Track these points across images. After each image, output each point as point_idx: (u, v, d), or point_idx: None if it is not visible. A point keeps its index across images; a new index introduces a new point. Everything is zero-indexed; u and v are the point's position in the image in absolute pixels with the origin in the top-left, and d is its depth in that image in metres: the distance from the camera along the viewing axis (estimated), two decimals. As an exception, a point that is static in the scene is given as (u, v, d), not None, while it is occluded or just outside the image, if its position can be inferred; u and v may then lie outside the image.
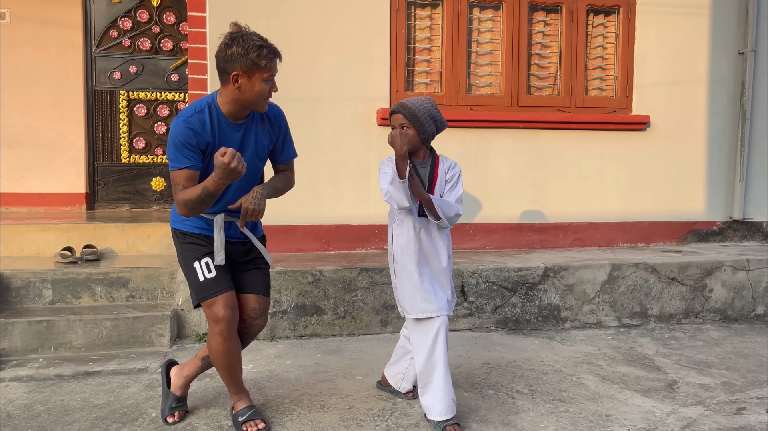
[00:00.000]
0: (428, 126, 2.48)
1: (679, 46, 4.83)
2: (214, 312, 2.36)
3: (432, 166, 2.56)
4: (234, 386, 2.52)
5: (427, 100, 2.51)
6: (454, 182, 2.57)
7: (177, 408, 2.57)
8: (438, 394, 2.44)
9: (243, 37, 2.20)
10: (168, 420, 2.53)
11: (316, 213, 4.33)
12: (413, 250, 2.52)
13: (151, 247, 4.27)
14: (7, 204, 5.45)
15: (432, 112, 2.48)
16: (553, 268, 3.98)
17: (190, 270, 2.41)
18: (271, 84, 2.27)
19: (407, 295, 2.51)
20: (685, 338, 3.82)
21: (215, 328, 2.36)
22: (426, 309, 2.47)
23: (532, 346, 3.59)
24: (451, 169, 2.59)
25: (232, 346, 2.41)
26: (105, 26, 5.59)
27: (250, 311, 2.50)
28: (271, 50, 2.22)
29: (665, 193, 4.88)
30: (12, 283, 3.54)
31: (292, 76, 4.23)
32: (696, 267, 4.16)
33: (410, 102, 2.48)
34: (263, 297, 2.54)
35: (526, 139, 4.64)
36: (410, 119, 2.46)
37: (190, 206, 2.20)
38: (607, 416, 2.62)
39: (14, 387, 2.90)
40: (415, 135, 2.47)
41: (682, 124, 4.88)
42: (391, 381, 2.79)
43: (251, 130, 2.39)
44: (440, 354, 2.46)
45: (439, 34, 4.56)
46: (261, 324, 2.55)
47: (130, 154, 5.70)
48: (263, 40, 2.23)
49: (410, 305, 2.50)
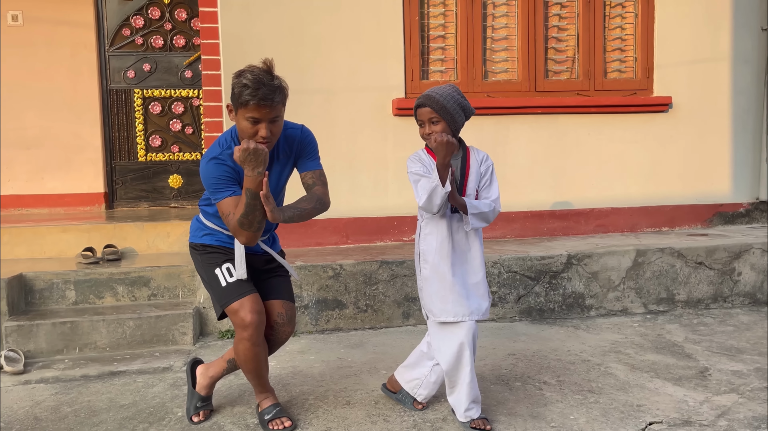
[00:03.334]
0: (458, 117, 2.30)
1: (700, 23, 4.71)
2: (240, 318, 2.31)
3: (463, 159, 2.37)
4: (260, 386, 2.50)
5: (453, 88, 2.31)
6: (488, 178, 2.40)
7: (202, 408, 2.56)
8: (462, 396, 2.38)
9: (243, 73, 2.17)
10: (193, 419, 2.53)
11: (334, 206, 4.20)
12: (447, 250, 2.36)
13: (171, 245, 4.27)
14: (27, 205, 5.49)
15: (460, 101, 2.29)
16: (576, 256, 3.91)
17: (212, 278, 2.40)
18: (258, 127, 2.17)
19: (437, 298, 2.35)
20: (715, 323, 3.74)
21: (243, 334, 2.32)
22: (457, 313, 2.33)
23: (558, 336, 3.54)
24: (484, 162, 2.41)
25: (260, 350, 2.37)
26: (117, 25, 5.59)
27: (277, 317, 2.44)
28: (255, 93, 2.11)
29: (689, 175, 4.77)
30: (35, 285, 3.56)
31: (306, 67, 4.19)
32: (723, 251, 4.07)
33: (437, 93, 2.29)
34: (289, 303, 2.49)
35: (544, 125, 4.56)
36: (440, 112, 2.27)
37: (245, 222, 2.16)
38: (638, 406, 2.56)
39: (41, 388, 2.92)
40: (446, 128, 2.29)
41: (705, 103, 4.76)
42: (406, 385, 2.57)
43: (273, 162, 2.36)
44: (467, 360, 2.34)
45: (454, 21, 4.48)
46: (289, 331, 2.48)
47: (146, 153, 5.71)
48: (257, 82, 2.12)
49: (440, 308, 2.35)
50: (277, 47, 4.13)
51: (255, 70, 2.18)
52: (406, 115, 4.31)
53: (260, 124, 2.17)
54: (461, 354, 2.35)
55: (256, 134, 2.17)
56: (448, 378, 2.41)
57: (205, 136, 4.30)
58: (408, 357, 2.61)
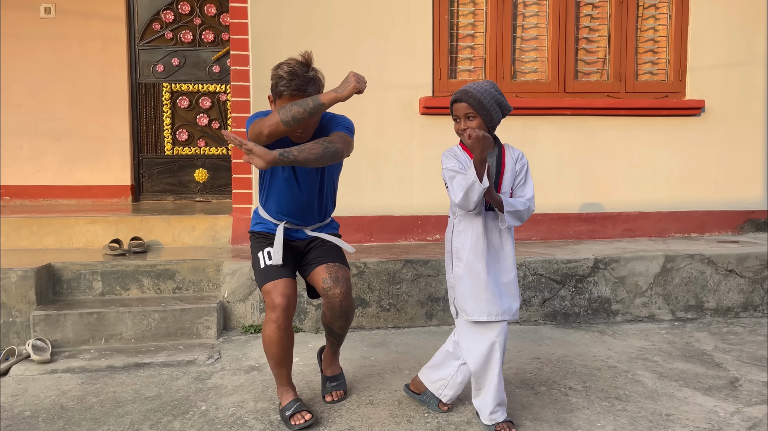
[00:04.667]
0: (495, 113, 2.27)
1: (735, 26, 4.61)
2: (270, 299, 2.38)
3: (499, 157, 2.34)
4: (281, 378, 2.51)
5: (491, 84, 2.28)
6: (523, 176, 2.37)
7: (333, 388, 2.71)
8: (489, 398, 2.34)
9: (281, 65, 2.34)
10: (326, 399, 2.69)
11: (358, 203, 4.29)
12: (482, 248, 2.32)
13: (196, 239, 4.30)
14: (56, 196, 5.57)
15: (498, 98, 2.26)
16: (603, 260, 3.86)
17: (255, 260, 2.53)
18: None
19: (471, 296, 2.32)
20: (745, 333, 3.66)
21: (270, 315, 2.38)
22: (491, 312, 2.30)
23: (583, 340, 3.49)
24: (519, 160, 2.38)
25: (285, 336, 2.40)
26: (147, 19, 5.64)
27: (323, 283, 2.46)
28: (289, 84, 2.28)
29: (720, 180, 4.68)
30: (63, 275, 3.60)
31: (334, 64, 4.15)
32: (755, 259, 3.98)
33: (474, 88, 2.26)
34: (332, 264, 2.49)
35: (573, 127, 4.50)
36: (476, 108, 2.25)
37: (288, 116, 2.22)
38: (667, 416, 2.51)
39: (67, 378, 2.95)
40: (482, 124, 2.27)
41: (739, 108, 4.66)
42: (431, 386, 2.53)
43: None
44: (497, 361, 2.31)
45: (483, 20, 4.44)
46: (340, 293, 2.44)
47: (173, 146, 5.75)
48: (292, 74, 2.28)
49: (473, 307, 2.31)
50: (306, 44, 4.11)
51: (292, 62, 2.33)
52: (433, 114, 4.28)
53: None
54: (491, 355, 2.32)
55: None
56: (475, 379, 2.38)
57: (232, 131, 4.32)
58: (433, 358, 2.57)
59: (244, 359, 3.17)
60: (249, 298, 3.62)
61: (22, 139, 5.53)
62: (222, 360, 3.15)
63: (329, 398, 2.66)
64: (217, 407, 2.61)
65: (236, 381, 2.88)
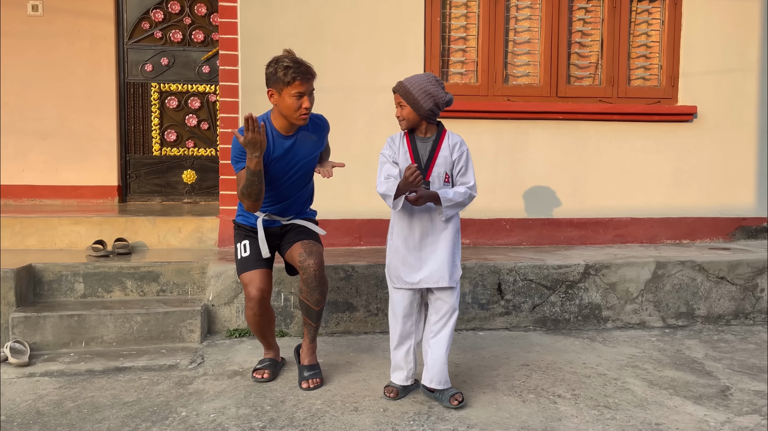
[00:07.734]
0: (424, 102, 2.47)
1: (728, 33, 4.59)
2: (247, 291, 2.76)
3: (435, 142, 2.56)
4: (263, 341, 2.97)
5: (427, 76, 2.51)
6: (464, 164, 2.56)
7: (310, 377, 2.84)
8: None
9: (279, 59, 2.58)
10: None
11: (347, 207, 4.24)
12: (405, 223, 2.58)
13: (182, 241, 4.23)
14: (41, 196, 5.49)
15: (428, 88, 2.47)
16: (594, 266, 3.82)
17: (235, 250, 2.87)
18: (302, 100, 2.59)
19: (392, 266, 2.62)
20: (736, 340, 3.62)
21: (248, 304, 2.77)
22: (407, 282, 2.57)
23: (573, 347, 3.44)
24: (458, 148, 2.56)
25: (262, 319, 2.81)
26: (137, 18, 5.57)
27: (299, 257, 2.73)
28: (298, 70, 2.55)
29: (712, 187, 4.65)
30: (44, 276, 3.52)
31: (325, 66, 4.11)
32: (747, 266, 3.95)
33: (407, 79, 2.52)
34: (306, 241, 2.77)
35: (565, 131, 4.47)
36: (404, 97, 2.50)
37: (245, 192, 2.58)
38: (657, 425, 2.46)
39: (45, 382, 2.87)
40: (411, 112, 2.50)
41: (731, 114, 4.64)
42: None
43: (302, 140, 2.76)
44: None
45: (476, 23, 4.41)
46: (314, 263, 2.69)
47: (161, 147, 5.68)
48: (296, 62, 2.57)
49: (395, 275, 2.61)
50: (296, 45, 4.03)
51: (288, 55, 2.59)
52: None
53: (304, 97, 2.58)
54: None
55: (301, 107, 2.59)
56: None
57: (221, 131, 4.26)
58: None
59: (227, 364, 3.10)
60: (234, 302, 3.56)
61: (7, 137, 5.45)
62: (205, 365, 3.09)
63: (305, 385, 2.78)
64: (198, 413, 2.54)
65: (218, 387, 2.81)
